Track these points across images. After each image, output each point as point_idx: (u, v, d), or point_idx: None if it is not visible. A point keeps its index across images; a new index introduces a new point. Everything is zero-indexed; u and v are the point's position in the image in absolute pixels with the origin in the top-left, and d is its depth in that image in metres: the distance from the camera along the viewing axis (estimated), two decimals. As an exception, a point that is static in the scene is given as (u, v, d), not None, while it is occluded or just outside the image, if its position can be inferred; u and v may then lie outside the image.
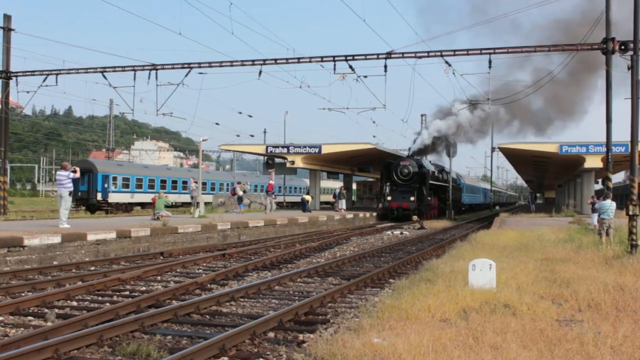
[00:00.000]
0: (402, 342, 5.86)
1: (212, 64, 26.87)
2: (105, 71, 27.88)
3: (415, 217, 35.44)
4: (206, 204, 32.73)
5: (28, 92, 29.38)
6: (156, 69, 27.14)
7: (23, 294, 10.10)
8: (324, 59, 25.80)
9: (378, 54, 25.10)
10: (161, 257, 16.08)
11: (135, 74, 27.16)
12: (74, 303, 9.61)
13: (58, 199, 18.05)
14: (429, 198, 40.04)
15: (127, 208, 41.71)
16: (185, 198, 46.72)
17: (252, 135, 64.12)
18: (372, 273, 12.45)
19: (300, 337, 7.38)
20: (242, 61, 26.77)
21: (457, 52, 24.37)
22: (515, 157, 47.41)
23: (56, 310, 8.79)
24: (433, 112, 45.71)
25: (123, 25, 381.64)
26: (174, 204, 40.02)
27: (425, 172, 39.41)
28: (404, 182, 38.77)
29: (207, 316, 8.66)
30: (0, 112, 27.58)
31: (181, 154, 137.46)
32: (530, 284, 9.38)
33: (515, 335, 6.26)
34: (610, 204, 16.67)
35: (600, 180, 44.83)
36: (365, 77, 26.13)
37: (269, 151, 40.74)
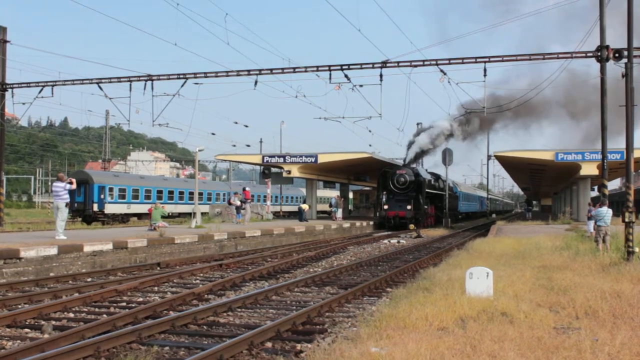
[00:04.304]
0: (400, 351, 5.86)
1: (208, 74, 26.94)
2: (101, 82, 27.94)
3: (412, 226, 35.44)
4: (203, 214, 32.67)
5: (24, 103, 29.40)
6: (152, 80, 27.21)
7: (19, 306, 10.07)
8: (320, 69, 25.90)
9: (373, 63, 25.21)
10: (158, 268, 16.04)
11: (131, 85, 27.24)
12: (71, 315, 9.58)
13: (54, 211, 18.02)
14: (426, 206, 40.07)
15: (123, 219, 41.63)
16: (182, 208, 46.66)
17: (248, 145, 64.16)
18: (369, 282, 12.44)
19: (298, 346, 7.37)
20: (238, 71, 26.84)
21: (452, 61, 24.50)
22: (511, 165, 47.49)
23: (53, 322, 8.76)
24: (430, 122, 45.71)
25: (118, 36, 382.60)
26: (170, 214, 39.94)
27: (421, 181, 39.46)
28: (400, 191, 38.81)
29: (205, 327, 8.64)
30: (-4, 123, 27.56)
31: (177, 165, 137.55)
32: (527, 292, 9.39)
33: (513, 343, 6.26)
34: (606, 211, 16.69)
35: (596, 188, 44.94)
36: (361, 86, 26.28)
37: (265, 161, 40.73)
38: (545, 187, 70.90)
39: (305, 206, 37.67)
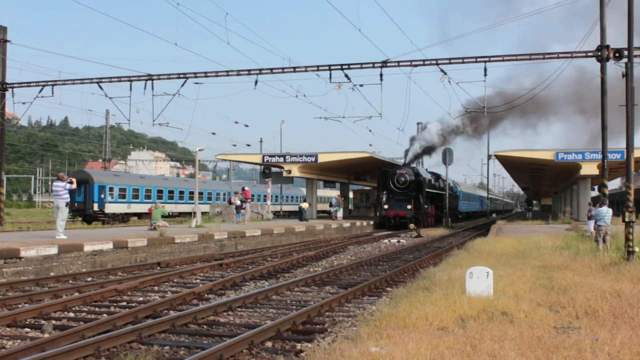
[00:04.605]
0: (400, 350, 5.86)
1: (208, 74, 26.93)
2: (102, 82, 27.94)
3: (412, 226, 35.46)
4: (203, 213, 32.66)
5: (24, 103, 29.44)
6: (152, 79, 27.20)
7: (20, 306, 10.08)
8: (320, 68, 25.88)
9: (374, 63, 25.19)
10: (158, 268, 16.04)
11: (131, 85, 27.24)
12: (71, 314, 9.58)
13: (55, 210, 18.02)
14: (426, 206, 40.08)
15: (123, 218, 41.65)
16: (183, 208, 46.66)
17: (248, 145, 64.17)
18: (369, 282, 12.45)
19: (298, 346, 7.37)
20: (238, 71, 26.83)
21: (452, 61, 24.49)
22: (512, 165, 47.48)
23: (53, 322, 8.77)
24: (431, 122, 45.62)
25: (119, 36, 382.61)
26: (170, 214, 39.96)
27: (421, 181, 39.47)
28: (400, 191, 38.83)
29: (205, 326, 8.64)
30: (-3, 123, 27.56)
31: (178, 164, 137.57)
32: (527, 292, 9.39)
33: (513, 343, 6.26)
34: (606, 211, 16.69)
35: (596, 187, 44.93)
36: (361, 85, 26.27)
37: (265, 160, 40.74)
38: (545, 187, 70.92)
39: (305, 204, 37.69)
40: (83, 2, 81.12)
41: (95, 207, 39.60)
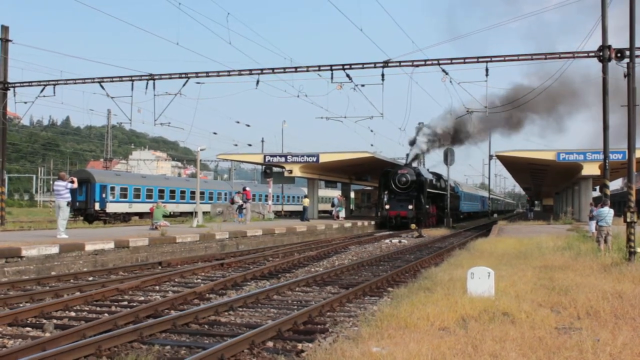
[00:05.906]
0: (401, 351, 5.85)
1: (210, 74, 26.90)
2: (103, 81, 27.92)
3: (413, 226, 35.45)
4: (204, 213, 32.68)
5: (26, 102, 29.38)
6: (154, 79, 27.18)
7: (21, 305, 10.08)
8: (322, 68, 25.85)
9: (375, 63, 25.16)
10: (159, 267, 16.04)
11: (132, 84, 27.20)
12: (72, 313, 9.58)
13: (56, 210, 18.03)
14: (427, 206, 40.06)
15: (125, 218, 41.67)
16: (184, 208, 46.69)
17: (250, 145, 64.25)
18: (370, 282, 12.44)
19: (299, 346, 7.36)
20: (240, 71, 26.81)
21: (454, 61, 24.46)
22: (513, 165, 47.45)
23: (54, 321, 8.77)
24: (432, 119, 45.40)
25: (121, 35, 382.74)
26: (172, 213, 39.98)
27: (423, 181, 39.45)
28: (402, 191, 38.83)
29: (206, 326, 8.64)
30: (-2, 122, 27.57)
31: (179, 164, 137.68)
32: (529, 292, 9.37)
33: (514, 343, 6.25)
34: (608, 211, 16.67)
35: (597, 188, 44.86)
36: (363, 85, 26.23)
37: (267, 160, 40.77)
38: (546, 187, 70.87)
39: (306, 200, 37.79)
40: (84, 1, 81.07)
41: (97, 206, 39.63)
